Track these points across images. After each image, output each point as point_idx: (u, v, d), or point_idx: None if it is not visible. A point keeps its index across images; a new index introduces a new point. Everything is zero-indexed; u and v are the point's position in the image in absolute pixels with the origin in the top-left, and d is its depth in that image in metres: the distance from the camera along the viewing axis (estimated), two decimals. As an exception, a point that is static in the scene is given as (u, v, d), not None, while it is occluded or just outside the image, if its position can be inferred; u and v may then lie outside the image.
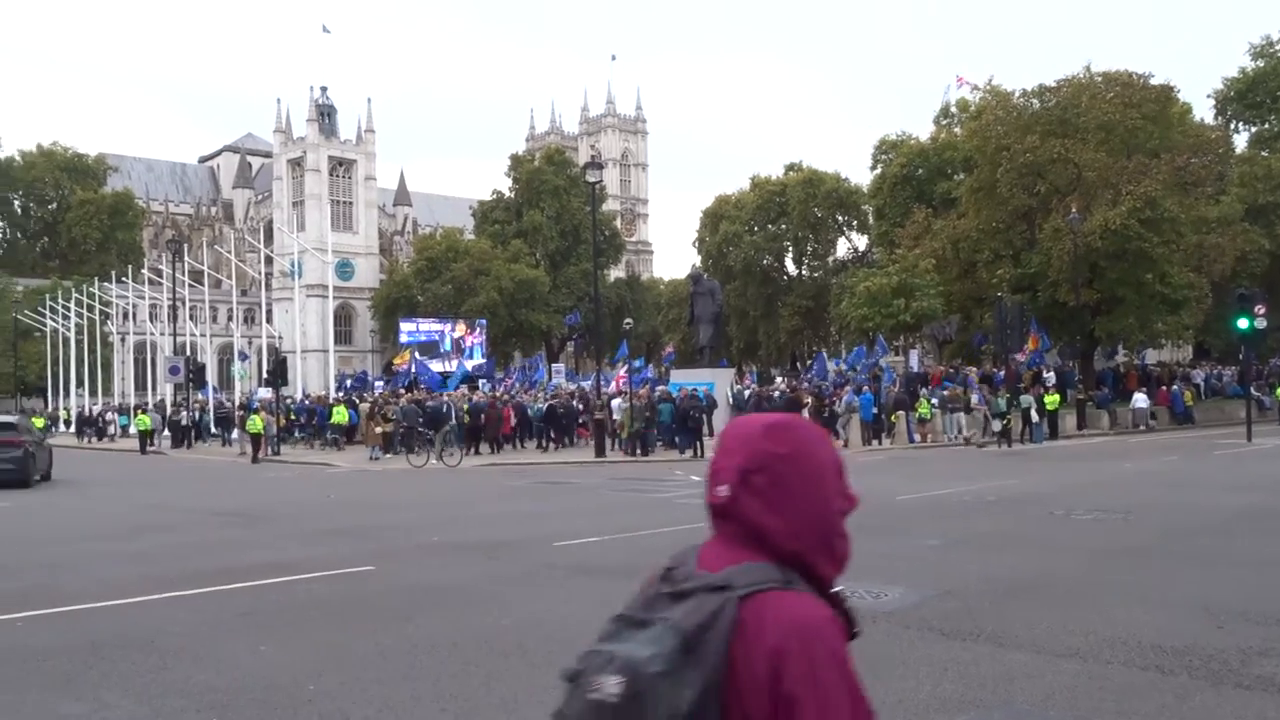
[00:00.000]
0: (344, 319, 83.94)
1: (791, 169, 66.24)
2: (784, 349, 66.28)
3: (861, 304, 40.30)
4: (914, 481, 18.24)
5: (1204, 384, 39.71)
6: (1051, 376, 32.40)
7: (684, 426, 27.91)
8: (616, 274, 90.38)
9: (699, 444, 27.26)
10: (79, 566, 11.04)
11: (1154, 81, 37.85)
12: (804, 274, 67.36)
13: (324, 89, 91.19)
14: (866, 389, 30.02)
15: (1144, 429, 33.31)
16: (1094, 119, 36.09)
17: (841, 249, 67.07)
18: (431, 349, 63.20)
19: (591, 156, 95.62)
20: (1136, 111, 36.09)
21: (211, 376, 59.00)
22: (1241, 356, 34.60)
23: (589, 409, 31.18)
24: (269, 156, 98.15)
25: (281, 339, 61.28)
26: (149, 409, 43.31)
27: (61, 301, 61.96)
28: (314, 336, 68.93)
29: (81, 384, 60.08)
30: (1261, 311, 28.35)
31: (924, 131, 55.67)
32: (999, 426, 28.34)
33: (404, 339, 65.05)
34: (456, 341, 66.08)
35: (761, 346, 66.74)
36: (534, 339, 75.60)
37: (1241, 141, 49.67)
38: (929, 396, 30.17)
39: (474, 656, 6.65)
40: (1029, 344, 33.30)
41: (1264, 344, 36.82)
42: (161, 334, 60.93)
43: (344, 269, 79.94)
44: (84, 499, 20.83)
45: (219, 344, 76.33)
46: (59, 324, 61.85)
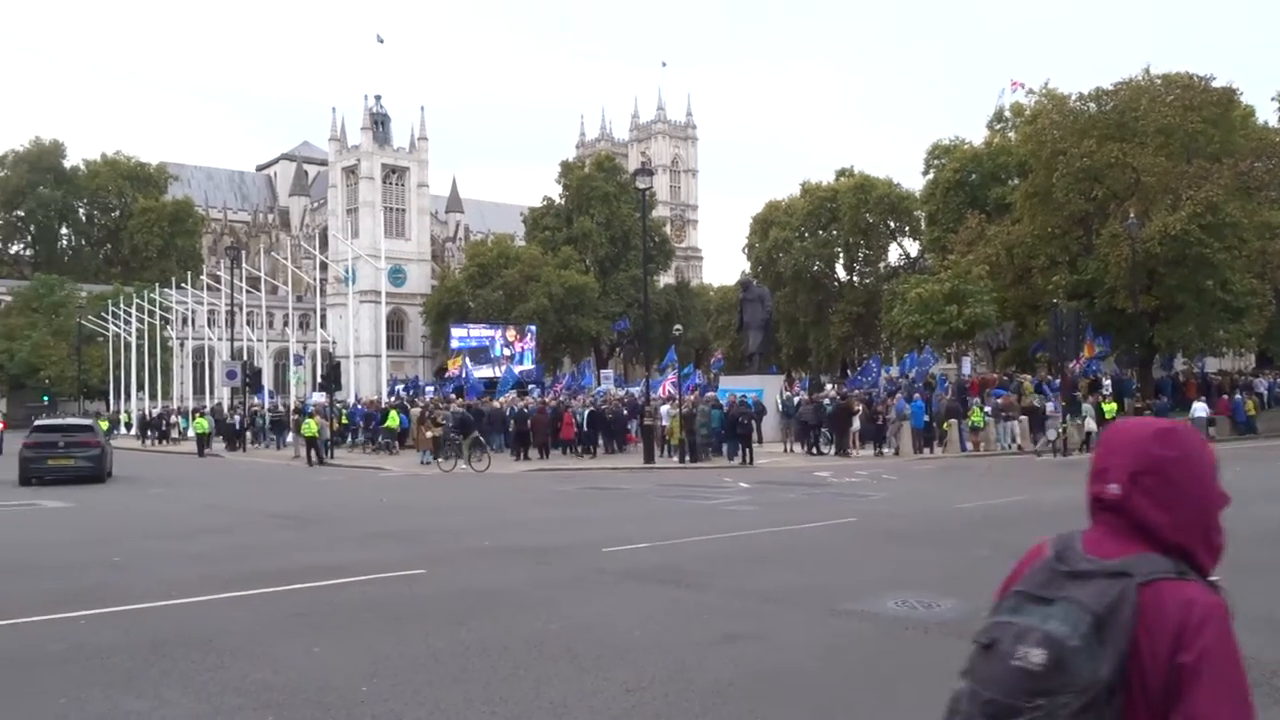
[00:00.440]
0: (396, 324, 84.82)
1: (843, 174, 65.66)
2: (834, 356, 65.74)
3: (913, 310, 39.93)
4: (964, 490, 17.99)
5: (1267, 393, 38.70)
6: (1108, 384, 31.83)
7: (733, 433, 27.85)
8: (666, 280, 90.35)
9: (748, 451, 27.17)
10: (141, 566, 11.28)
11: (1216, 84, 37.10)
12: (855, 280, 66.72)
13: (378, 98, 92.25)
14: (918, 396, 29.73)
15: (1204, 439, 32.48)
16: (1153, 122, 35.44)
17: (893, 255, 66.39)
18: (482, 354, 63.74)
19: (641, 163, 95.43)
20: (1197, 115, 35.36)
21: (268, 381, 60.02)
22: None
23: (638, 414, 31.23)
24: (324, 164, 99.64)
25: (335, 344, 62.01)
26: (206, 412, 44.13)
27: (123, 307, 63.25)
28: (367, 341, 69.70)
29: (142, 387, 61.30)
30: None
31: (977, 136, 55.23)
32: (1053, 435, 27.85)
33: (455, 344, 65.70)
34: (509, 345, 66.53)
35: (811, 353, 66.27)
36: (583, 345, 75.79)
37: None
38: (981, 405, 29.77)
39: (524, 660, 6.69)
40: (1085, 351, 32.73)
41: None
42: (219, 339, 62.03)
43: (396, 275, 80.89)
44: (145, 499, 21.32)
45: (275, 349, 77.70)
46: (121, 329, 63.20)
